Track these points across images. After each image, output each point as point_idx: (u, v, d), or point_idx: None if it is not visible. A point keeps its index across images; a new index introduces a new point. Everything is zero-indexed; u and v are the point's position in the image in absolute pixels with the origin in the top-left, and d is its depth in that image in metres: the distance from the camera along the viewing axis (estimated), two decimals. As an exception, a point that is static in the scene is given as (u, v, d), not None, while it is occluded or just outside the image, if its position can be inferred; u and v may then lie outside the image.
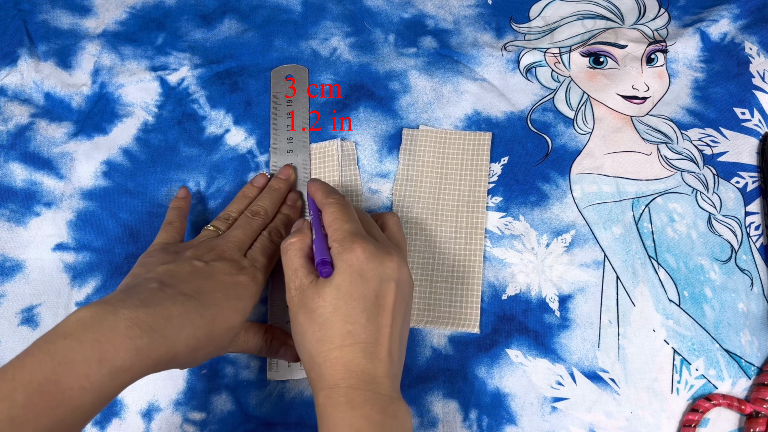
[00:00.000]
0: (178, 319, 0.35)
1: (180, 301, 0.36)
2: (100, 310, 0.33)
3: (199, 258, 0.41)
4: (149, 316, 0.34)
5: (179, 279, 0.38)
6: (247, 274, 0.41)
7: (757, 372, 0.46)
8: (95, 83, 0.55)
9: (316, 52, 0.56)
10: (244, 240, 0.44)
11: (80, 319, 0.33)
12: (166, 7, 0.59)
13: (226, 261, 0.41)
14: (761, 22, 0.56)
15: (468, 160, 0.52)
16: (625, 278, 0.48)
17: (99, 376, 0.31)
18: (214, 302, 0.38)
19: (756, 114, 0.53)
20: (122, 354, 0.32)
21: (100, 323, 0.32)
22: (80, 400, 0.31)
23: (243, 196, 0.49)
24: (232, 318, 0.39)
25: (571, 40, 0.56)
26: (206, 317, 0.37)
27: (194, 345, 0.36)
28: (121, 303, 0.34)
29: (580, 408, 0.45)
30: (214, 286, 0.39)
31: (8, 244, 0.50)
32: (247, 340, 0.43)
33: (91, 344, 0.31)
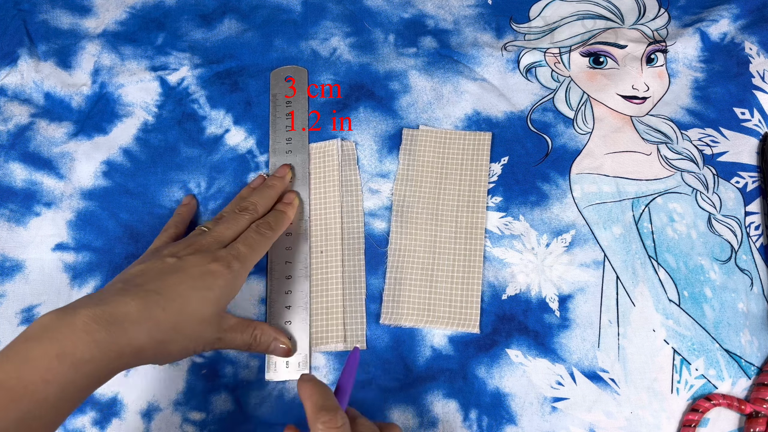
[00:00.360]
0: (138, 313, 0.36)
1: (140, 296, 0.37)
2: (60, 313, 0.35)
3: (174, 254, 0.41)
4: (106, 312, 0.35)
5: (147, 277, 0.39)
6: (220, 263, 0.41)
7: (757, 372, 0.46)
8: (95, 83, 0.55)
9: (316, 52, 0.57)
10: (226, 234, 0.44)
11: (41, 322, 0.34)
12: (166, 7, 0.59)
13: (201, 253, 0.41)
14: (761, 22, 0.56)
15: (468, 160, 0.52)
16: (625, 278, 0.48)
17: (60, 369, 0.32)
18: (179, 294, 0.38)
19: (756, 114, 0.53)
20: (81, 347, 0.33)
21: (59, 323, 0.34)
22: (44, 393, 0.32)
23: (240, 198, 0.49)
24: (200, 309, 0.39)
25: (571, 40, 0.56)
26: (169, 310, 0.37)
27: (159, 338, 0.37)
28: (81, 304, 0.36)
29: (580, 408, 0.45)
30: (181, 279, 0.39)
31: (8, 244, 0.50)
32: (234, 338, 0.43)
33: (50, 341, 0.33)
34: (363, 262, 0.49)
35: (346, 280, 0.49)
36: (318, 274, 0.49)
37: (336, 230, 0.50)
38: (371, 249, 0.50)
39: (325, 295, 0.48)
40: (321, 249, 0.49)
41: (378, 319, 0.48)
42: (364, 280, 0.49)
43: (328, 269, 0.49)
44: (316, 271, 0.49)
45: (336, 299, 0.48)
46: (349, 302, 0.48)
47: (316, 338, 0.47)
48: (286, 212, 0.48)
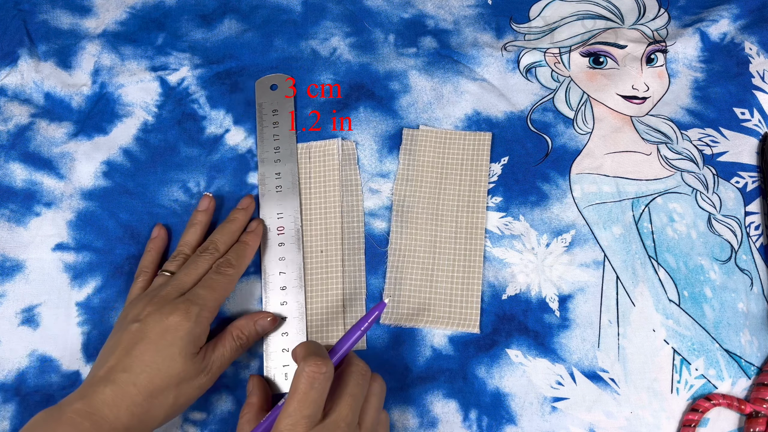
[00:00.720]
0: (113, 397, 0.39)
1: (112, 380, 0.39)
2: (49, 411, 0.38)
3: (136, 318, 0.42)
4: (86, 405, 0.38)
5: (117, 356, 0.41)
6: (178, 314, 0.41)
7: (757, 372, 0.46)
8: (95, 83, 0.55)
9: (316, 52, 0.57)
10: (185, 281, 0.44)
11: (32, 421, 0.38)
12: (166, 7, 0.59)
13: (158, 311, 0.42)
14: (761, 22, 0.56)
15: (468, 160, 0.52)
16: (625, 278, 0.48)
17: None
18: (145, 365, 0.40)
19: (756, 114, 0.53)
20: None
21: (47, 420, 0.37)
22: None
23: (191, 225, 0.49)
24: (170, 368, 0.40)
25: (571, 40, 0.56)
26: (140, 384, 0.39)
27: (140, 411, 0.39)
28: (66, 402, 0.39)
29: (580, 408, 0.45)
30: (145, 347, 0.40)
31: (8, 244, 0.50)
32: (221, 356, 0.43)
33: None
34: (363, 262, 0.49)
35: (346, 280, 0.49)
36: (318, 274, 0.49)
37: (336, 230, 0.50)
38: (371, 249, 0.50)
39: (325, 295, 0.48)
40: (321, 249, 0.49)
41: (378, 319, 0.48)
42: (364, 280, 0.49)
43: (328, 269, 0.49)
44: (316, 270, 0.49)
45: (336, 299, 0.48)
46: (349, 302, 0.48)
47: (316, 338, 0.47)
48: (248, 243, 0.48)
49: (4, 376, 0.47)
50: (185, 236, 0.49)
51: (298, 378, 0.37)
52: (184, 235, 0.49)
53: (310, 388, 0.36)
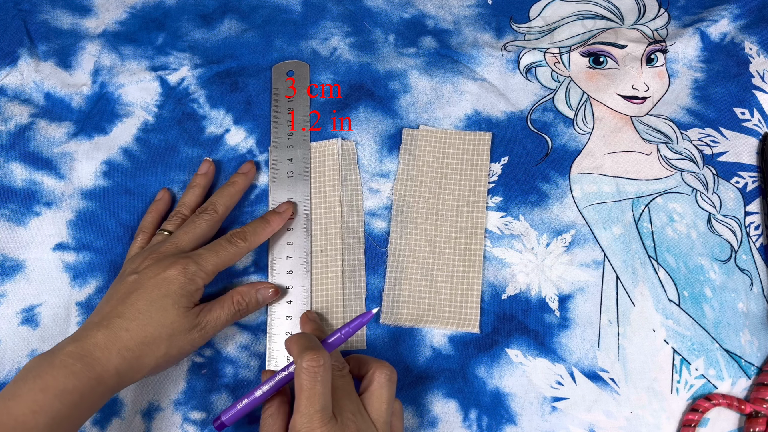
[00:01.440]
0: (105, 340, 0.39)
1: (104, 325, 0.40)
2: (42, 355, 0.38)
3: (134, 270, 0.43)
4: (78, 347, 0.39)
5: (112, 303, 0.42)
6: (175, 268, 0.42)
7: (757, 372, 0.46)
8: (95, 83, 0.55)
9: (316, 52, 0.57)
10: (183, 240, 0.45)
11: (26, 366, 0.38)
12: (166, 7, 0.59)
13: (156, 264, 0.43)
14: (761, 22, 0.56)
15: (468, 160, 0.52)
16: (624, 278, 0.48)
17: (46, 400, 0.36)
18: (138, 311, 0.41)
19: (756, 114, 0.53)
20: (62, 379, 0.37)
21: (39, 364, 0.38)
22: (34, 422, 0.35)
23: (191, 187, 0.50)
24: (163, 317, 0.41)
25: (571, 40, 0.56)
26: (133, 329, 0.40)
27: (131, 356, 0.40)
28: (59, 347, 0.39)
29: (579, 408, 0.45)
30: (139, 295, 0.41)
31: (8, 244, 0.50)
32: (216, 317, 0.44)
33: (33, 379, 0.36)
34: (363, 262, 0.49)
35: (346, 279, 0.49)
36: (318, 274, 0.49)
37: (336, 230, 0.50)
38: (371, 249, 0.50)
39: (325, 294, 0.48)
40: (321, 248, 0.49)
41: (378, 319, 0.48)
42: (364, 280, 0.49)
43: (328, 269, 0.49)
44: (316, 270, 0.49)
45: (336, 299, 0.48)
46: (349, 302, 0.48)
47: (316, 338, 0.47)
48: (270, 223, 0.48)
49: (4, 375, 0.47)
50: (184, 197, 0.50)
51: (300, 375, 0.37)
52: (183, 196, 0.50)
53: (314, 382, 0.37)
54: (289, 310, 0.48)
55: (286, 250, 0.49)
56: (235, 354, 0.47)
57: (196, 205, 0.49)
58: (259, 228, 0.47)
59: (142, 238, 0.48)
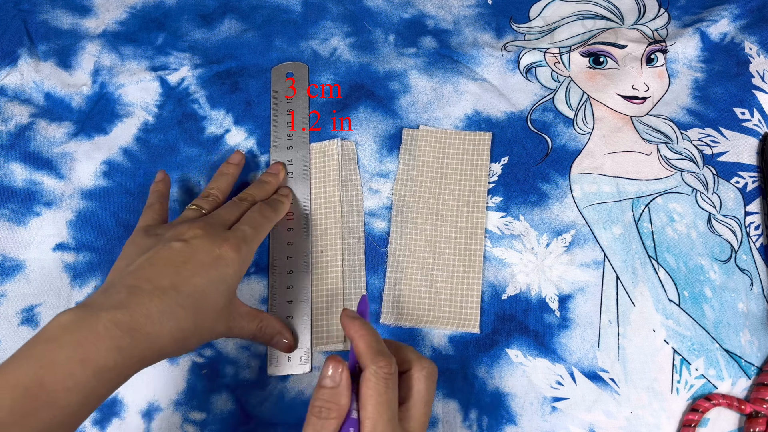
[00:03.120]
0: (158, 315, 0.35)
1: (157, 295, 0.35)
2: (80, 313, 0.33)
3: (178, 237, 0.39)
4: (127, 315, 0.34)
5: (156, 269, 0.37)
6: (229, 245, 0.39)
7: (757, 372, 0.46)
8: (95, 83, 0.55)
9: (316, 52, 0.57)
10: (228, 217, 0.43)
11: (61, 323, 0.33)
12: (166, 7, 0.59)
13: (208, 236, 0.39)
14: (761, 22, 0.56)
15: (468, 160, 0.52)
16: (625, 278, 0.48)
17: (83, 377, 0.32)
18: (195, 289, 0.37)
19: (756, 114, 0.53)
20: (104, 354, 0.32)
21: (80, 326, 0.33)
22: (66, 401, 0.31)
23: (221, 174, 0.49)
24: (216, 301, 0.38)
25: (571, 40, 0.56)
26: (188, 307, 0.36)
27: (180, 336, 0.36)
28: (100, 306, 0.34)
29: (580, 408, 0.45)
30: (194, 269, 0.37)
31: (8, 244, 0.50)
32: (243, 326, 0.42)
33: (73, 346, 0.32)
34: (363, 262, 0.49)
35: (346, 279, 0.49)
36: (318, 274, 0.49)
37: (336, 230, 0.50)
38: (371, 249, 0.50)
39: (325, 294, 0.48)
40: (321, 248, 0.49)
41: (378, 319, 0.48)
42: (364, 280, 0.49)
43: (328, 269, 0.49)
44: (317, 270, 0.49)
45: (336, 299, 0.48)
46: (349, 302, 0.48)
47: (317, 338, 0.47)
48: (283, 202, 0.48)
49: (4, 376, 0.47)
50: (216, 182, 0.48)
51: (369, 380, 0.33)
52: (215, 180, 0.48)
53: (386, 388, 0.33)
54: (290, 309, 0.48)
55: (287, 249, 0.49)
56: (236, 354, 0.47)
57: (228, 192, 0.48)
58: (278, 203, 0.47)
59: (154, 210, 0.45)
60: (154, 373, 0.47)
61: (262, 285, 0.49)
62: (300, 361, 0.46)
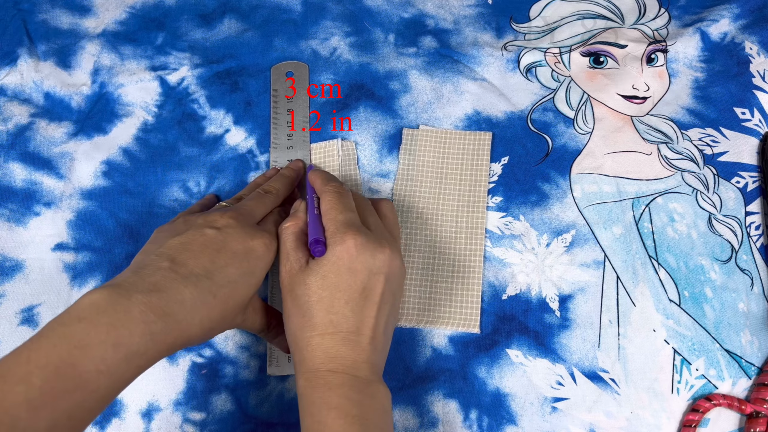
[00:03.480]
0: (192, 301, 0.35)
1: (192, 282, 0.35)
2: (114, 294, 0.33)
3: (211, 224, 0.39)
4: (162, 300, 0.33)
5: (190, 254, 0.37)
6: (261, 240, 0.40)
7: (758, 372, 0.46)
8: (95, 83, 0.55)
9: (316, 52, 0.56)
10: (255, 210, 0.43)
11: (94, 302, 0.32)
12: (166, 6, 0.59)
13: (241, 227, 0.40)
14: (761, 22, 0.56)
15: (468, 160, 0.52)
16: (625, 278, 0.48)
17: (114, 360, 0.31)
18: (228, 280, 0.37)
19: (756, 114, 0.53)
20: (137, 339, 0.32)
21: (114, 307, 0.32)
22: (96, 384, 0.31)
23: (255, 185, 0.49)
24: (245, 293, 0.38)
25: (571, 40, 0.56)
26: (220, 297, 0.36)
27: (209, 326, 0.36)
28: (134, 287, 0.34)
29: (580, 408, 0.45)
30: (227, 260, 0.37)
31: (8, 244, 0.50)
32: (255, 319, 0.42)
33: (107, 328, 0.31)
34: (363, 262, 0.49)
35: (346, 280, 0.49)
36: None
37: (336, 230, 0.50)
38: (371, 249, 0.50)
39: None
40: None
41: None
42: (364, 280, 0.49)
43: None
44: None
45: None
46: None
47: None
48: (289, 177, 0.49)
49: (4, 376, 0.47)
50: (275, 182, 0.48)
51: (326, 195, 0.42)
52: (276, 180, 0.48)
53: (340, 197, 0.42)
54: None
55: None
56: (235, 354, 0.47)
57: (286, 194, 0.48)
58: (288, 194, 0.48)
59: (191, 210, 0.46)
60: (154, 373, 0.47)
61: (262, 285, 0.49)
62: None
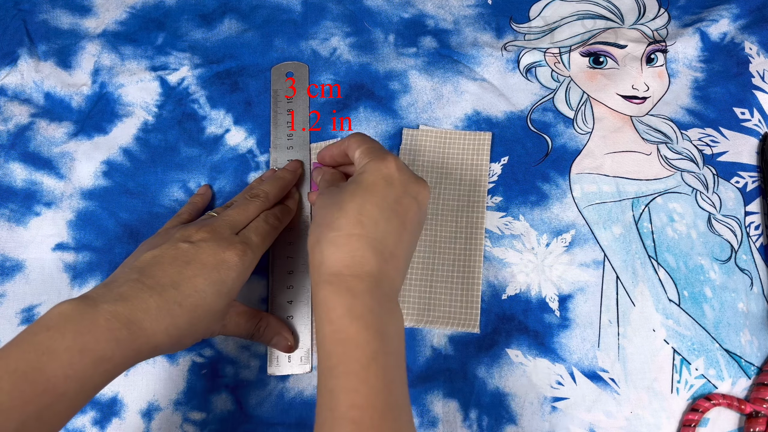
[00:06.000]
0: (157, 310, 0.36)
1: (157, 292, 0.37)
2: (81, 304, 0.34)
3: (186, 239, 0.40)
4: (127, 309, 0.35)
5: (159, 267, 0.38)
6: (234, 251, 0.40)
7: (757, 372, 0.46)
8: (95, 83, 0.55)
9: (316, 52, 0.57)
10: (237, 219, 0.44)
11: (62, 312, 0.34)
12: (166, 7, 0.59)
13: (215, 240, 0.40)
14: (761, 22, 0.56)
15: (468, 160, 0.52)
16: (625, 278, 0.48)
17: (82, 365, 0.33)
18: (195, 290, 0.38)
19: (756, 114, 0.53)
20: (103, 344, 0.33)
21: (81, 316, 0.34)
22: (65, 388, 0.32)
23: (250, 188, 0.49)
24: (215, 303, 0.39)
25: (571, 40, 0.56)
26: (186, 306, 0.37)
27: (176, 334, 0.37)
28: (101, 297, 0.35)
29: (580, 408, 0.45)
30: (196, 271, 0.39)
31: (8, 244, 0.50)
32: (238, 324, 0.43)
33: (73, 335, 0.33)
34: (363, 262, 0.49)
35: (346, 279, 0.49)
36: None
37: (336, 230, 0.50)
38: (371, 249, 0.50)
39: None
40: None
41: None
42: (364, 280, 0.49)
43: (328, 269, 0.49)
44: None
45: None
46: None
47: (316, 338, 0.47)
48: (290, 207, 0.49)
49: (4, 376, 0.47)
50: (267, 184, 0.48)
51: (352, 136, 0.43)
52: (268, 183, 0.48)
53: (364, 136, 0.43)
54: (290, 310, 0.48)
55: (287, 249, 0.49)
56: (235, 354, 0.47)
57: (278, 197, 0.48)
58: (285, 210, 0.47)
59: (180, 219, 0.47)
60: (154, 373, 0.47)
61: (262, 285, 0.49)
62: (300, 361, 0.46)
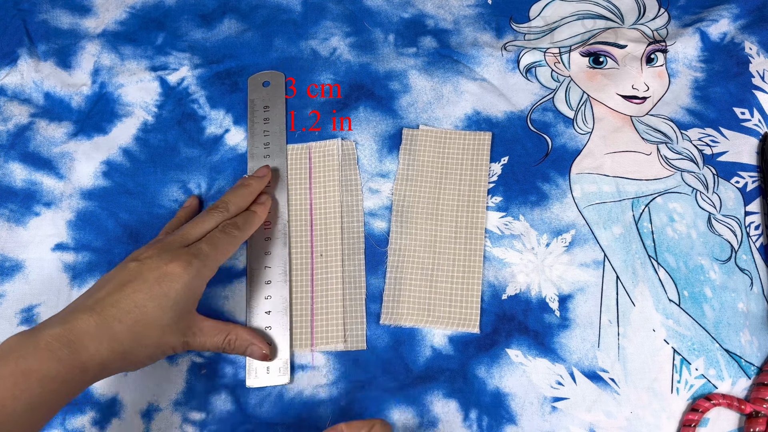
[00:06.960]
0: (96, 328, 0.37)
1: (97, 311, 0.38)
2: (24, 334, 0.36)
3: (136, 258, 0.41)
4: (66, 330, 0.36)
5: (107, 289, 0.39)
6: (178, 262, 0.40)
7: (757, 372, 0.46)
8: (95, 83, 0.55)
9: (316, 52, 0.57)
10: (191, 233, 0.44)
11: (7, 344, 0.36)
12: (166, 6, 0.59)
13: (159, 255, 0.41)
14: (761, 22, 0.56)
15: (468, 160, 0.52)
16: (625, 278, 0.48)
17: (27, 385, 0.34)
18: (135, 305, 0.39)
19: (756, 114, 0.53)
20: (45, 364, 0.35)
21: (23, 343, 0.35)
22: (13, 408, 0.33)
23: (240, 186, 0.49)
24: (158, 317, 0.39)
25: (571, 40, 0.56)
26: (126, 322, 0.38)
27: (121, 350, 0.38)
28: (45, 326, 0.37)
29: (580, 408, 0.45)
30: (137, 287, 0.39)
31: (8, 244, 0.50)
32: (204, 341, 0.43)
33: (16, 360, 0.34)
34: (363, 262, 0.49)
35: (347, 280, 0.49)
36: (318, 274, 0.49)
37: (336, 230, 0.50)
38: (371, 249, 0.50)
39: (326, 295, 0.48)
40: (321, 249, 0.49)
41: (378, 319, 0.48)
42: (364, 280, 0.49)
43: (328, 269, 0.49)
44: (317, 271, 0.49)
45: (336, 299, 0.48)
46: (350, 302, 0.48)
47: (317, 338, 0.47)
48: (257, 213, 0.48)
49: (4, 376, 0.47)
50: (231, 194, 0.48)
51: None
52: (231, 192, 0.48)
53: None
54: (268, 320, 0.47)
55: (264, 259, 0.49)
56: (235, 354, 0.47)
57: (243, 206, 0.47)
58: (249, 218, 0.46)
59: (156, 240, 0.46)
60: (154, 373, 0.47)
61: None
62: (279, 372, 0.46)
